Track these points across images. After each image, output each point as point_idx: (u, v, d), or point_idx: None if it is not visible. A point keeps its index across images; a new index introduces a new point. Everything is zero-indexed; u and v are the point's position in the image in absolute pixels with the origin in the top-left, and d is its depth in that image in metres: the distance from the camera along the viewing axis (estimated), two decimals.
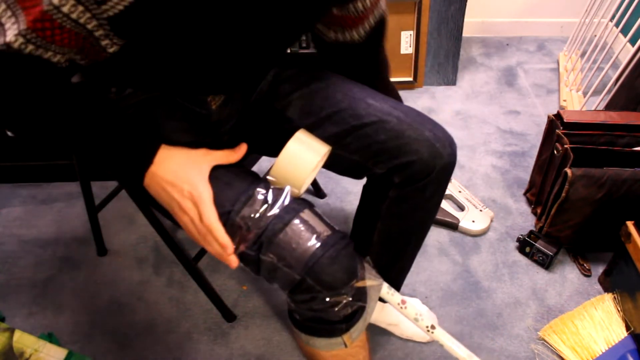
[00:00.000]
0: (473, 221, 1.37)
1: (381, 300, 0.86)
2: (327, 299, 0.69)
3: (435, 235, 1.39)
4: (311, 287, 0.67)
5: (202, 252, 1.19)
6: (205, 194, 0.64)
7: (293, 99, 0.85)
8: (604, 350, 1.07)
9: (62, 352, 0.93)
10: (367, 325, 0.78)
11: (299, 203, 0.69)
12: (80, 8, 0.53)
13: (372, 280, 0.74)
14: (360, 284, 0.71)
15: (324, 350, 0.78)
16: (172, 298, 1.26)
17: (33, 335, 0.91)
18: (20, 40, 0.54)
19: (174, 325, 1.20)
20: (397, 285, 1.06)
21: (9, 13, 0.54)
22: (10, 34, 0.54)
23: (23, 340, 0.91)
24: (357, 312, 0.73)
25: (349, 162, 0.83)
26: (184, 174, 0.65)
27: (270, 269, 0.68)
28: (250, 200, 0.67)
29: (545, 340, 1.14)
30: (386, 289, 0.82)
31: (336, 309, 0.70)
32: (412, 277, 1.27)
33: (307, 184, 0.72)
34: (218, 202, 0.68)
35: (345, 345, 0.76)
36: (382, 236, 0.90)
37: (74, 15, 0.53)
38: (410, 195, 0.83)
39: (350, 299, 0.70)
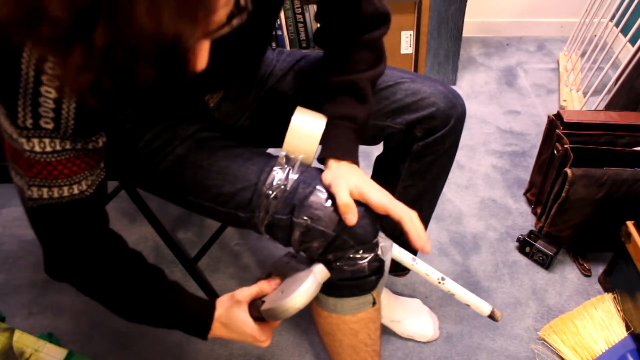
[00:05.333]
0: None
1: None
2: (359, 254, 0.72)
3: (435, 235, 1.39)
4: (345, 242, 0.70)
5: (202, 252, 1.19)
6: (256, 331, 0.71)
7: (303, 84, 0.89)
8: (604, 350, 1.07)
9: (62, 352, 0.93)
10: (385, 282, 0.81)
11: (317, 170, 0.74)
12: (47, 140, 0.56)
13: (383, 242, 0.78)
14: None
15: (352, 314, 0.79)
16: None
17: (33, 335, 0.92)
18: (34, 189, 0.60)
19: None
20: (413, 253, 1.08)
21: (18, 176, 0.60)
22: (26, 189, 0.60)
23: (23, 340, 0.91)
24: (381, 267, 0.76)
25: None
26: (238, 335, 0.73)
27: (304, 232, 0.70)
28: (273, 170, 0.72)
29: (545, 340, 1.14)
30: (397, 249, 0.85)
31: (366, 262, 0.73)
32: (412, 277, 1.27)
33: (314, 156, 0.77)
34: (244, 177, 0.73)
35: (374, 304, 0.78)
36: (400, 200, 0.92)
37: (48, 149, 0.56)
38: (432, 148, 0.88)
39: (376, 253, 0.73)
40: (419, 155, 0.89)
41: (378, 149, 0.97)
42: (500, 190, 1.53)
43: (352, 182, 0.70)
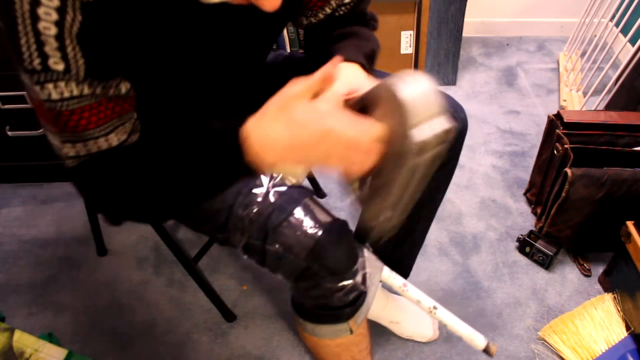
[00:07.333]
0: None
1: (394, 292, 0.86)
2: (332, 284, 0.70)
3: (435, 235, 1.39)
4: (315, 273, 0.69)
5: (202, 252, 1.19)
6: (326, 106, 0.52)
7: None
8: (604, 350, 1.06)
9: (62, 352, 0.93)
10: (369, 309, 0.79)
11: (299, 193, 0.71)
12: (62, 84, 0.52)
13: (372, 265, 0.76)
14: (361, 269, 0.73)
15: (329, 339, 0.78)
16: (172, 298, 1.26)
17: (33, 335, 0.91)
18: (68, 146, 0.56)
19: (174, 325, 1.20)
20: (409, 261, 1.09)
21: (51, 135, 0.57)
22: (61, 147, 0.56)
23: (23, 340, 0.90)
24: (360, 296, 0.75)
25: None
26: (289, 120, 0.52)
27: (276, 258, 0.69)
28: (252, 192, 0.69)
29: (545, 340, 1.14)
30: (387, 273, 0.83)
31: (341, 293, 0.71)
32: (412, 277, 1.27)
33: (305, 173, 0.72)
34: (221, 197, 0.70)
35: (351, 332, 0.77)
36: None
37: (66, 94, 0.53)
38: None
39: (353, 283, 0.72)
40: None
41: None
42: (500, 190, 1.53)
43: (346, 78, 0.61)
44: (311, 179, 1.49)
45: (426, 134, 0.48)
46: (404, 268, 1.09)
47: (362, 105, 0.54)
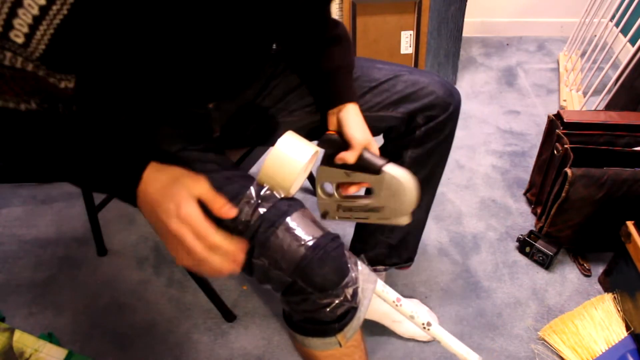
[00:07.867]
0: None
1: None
2: (319, 300, 0.69)
3: (435, 235, 1.39)
4: (302, 289, 0.68)
5: None
6: (193, 210, 0.58)
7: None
8: (604, 350, 1.07)
9: (62, 352, 0.93)
10: (361, 323, 0.78)
11: (289, 205, 0.70)
12: (9, 54, 0.52)
13: (366, 279, 0.75)
14: (352, 284, 0.72)
15: (319, 351, 0.78)
16: (172, 298, 1.26)
17: (33, 335, 0.91)
18: None
19: (174, 325, 1.20)
20: (414, 242, 1.09)
21: None
22: None
23: (23, 340, 0.90)
24: (350, 311, 0.73)
25: (367, 120, 0.85)
26: (169, 190, 0.59)
27: (263, 272, 0.69)
28: (241, 204, 0.68)
29: (545, 340, 1.14)
30: (381, 287, 0.82)
31: (328, 309, 0.70)
32: (412, 277, 1.27)
33: (297, 185, 0.71)
34: None
35: (340, 345, 0.76)
36: None
37: (6, 62, 0.53)
38: (433, 135, 0.91)
39: (342, 299, 0.70)
40: (421, 142, 0.91)
41: (379, 141, 0.97)
42: (500, 190, 1.53)
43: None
44: (312, 179, 1.49)
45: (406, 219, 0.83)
46: (408, 249, 1.09)
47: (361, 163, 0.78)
